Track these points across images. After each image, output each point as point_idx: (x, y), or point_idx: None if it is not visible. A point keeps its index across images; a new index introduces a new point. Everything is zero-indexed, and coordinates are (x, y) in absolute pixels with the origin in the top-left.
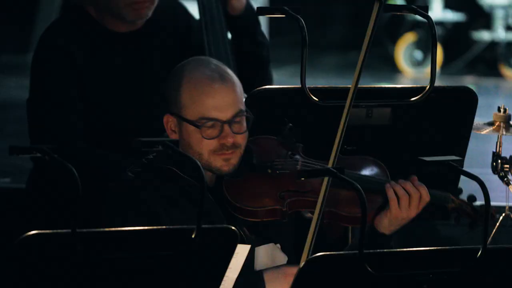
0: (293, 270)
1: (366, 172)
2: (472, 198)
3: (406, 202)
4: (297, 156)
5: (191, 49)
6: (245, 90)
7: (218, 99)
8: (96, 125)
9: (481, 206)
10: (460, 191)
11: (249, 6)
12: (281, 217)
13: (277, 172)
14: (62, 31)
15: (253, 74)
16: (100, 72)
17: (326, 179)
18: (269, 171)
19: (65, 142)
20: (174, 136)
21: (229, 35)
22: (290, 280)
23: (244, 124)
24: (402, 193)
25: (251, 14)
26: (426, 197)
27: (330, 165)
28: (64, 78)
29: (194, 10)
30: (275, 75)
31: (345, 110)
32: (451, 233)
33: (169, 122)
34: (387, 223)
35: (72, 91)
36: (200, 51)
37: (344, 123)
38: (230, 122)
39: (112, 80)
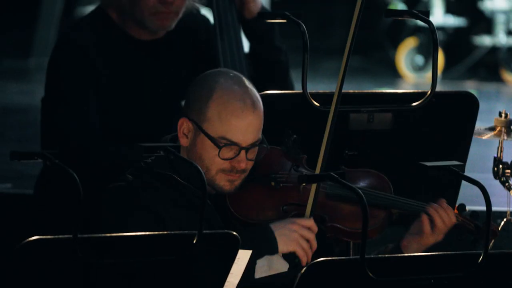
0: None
1: (370, 185)
2: (475, 215)
3: (441, 226)
4: (301, 168)
5: (208, 62)
6: None
7: (245, 125)
8: (111, 131)
9: (483, 224)
10: (463, 207)
11: (265, 9)
12: None
13: (280, 185)
14: (83, 32)
15: (273, 81)
16: (117, 77)
17: (314, 185)
18: (273, 183)
19: (82, 141)
20: (184, 141)
21: (246, 45)
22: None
23: (256, 151)
24: (438, 218)
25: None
26: (454, 219)
27: (317, 171)
28: (81, 78)
29: (209, 16)
30: None
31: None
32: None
33: (184, 126)
34: (415, 248)
35: (89, 91)
36: (215, 60)
37: (330, 129)
38: (248, 148)
39: (129, 86)
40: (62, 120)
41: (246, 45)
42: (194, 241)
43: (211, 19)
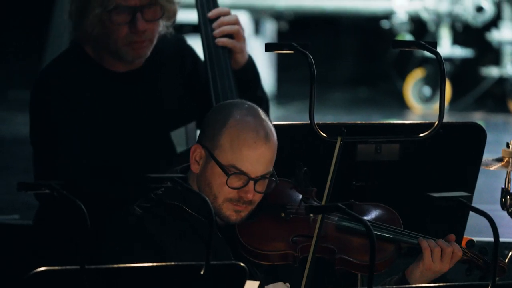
0: None
1: (379, 219)
2: (483, 250)
3: (438, 254)
4: (311, 201)
5: (195, 89)
6: None
7: (256, 156)
8: (98, 164)
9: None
10: (472, 243)
11: (251, 61)
12: (293, 262)
13: (291, 216)
14: (59, 71)
15: None
16: (98, 112)
17: (320, 217)
18: (283, 214)
19: (70, 176)
20: (195, 167)
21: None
22: None
23: (266, 184)
24: (434, 245)
25: (253, 69)
26: (459, 252)
27: (323, 202)
28: (61, 117)
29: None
30: (284, 110)
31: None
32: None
33: (196, 152)
34: (418, 275)
35: (70, 129)
36: (204, 88)
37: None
38: (256, 180)
39: (110, 120)
40: (47, 160)
41: None
42: (202, 272)
43: (197, 47)
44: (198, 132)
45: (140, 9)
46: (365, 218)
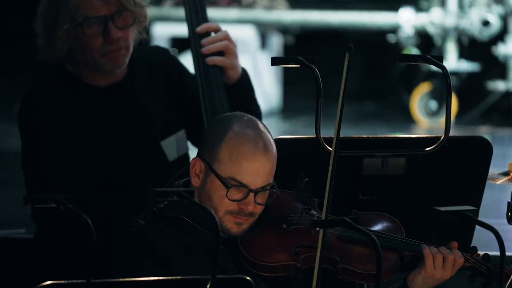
0: None
1: (382, 228)
2: (487, 257)
3: (440, 261)
4: (313, 211)
5: (187, 99)
6: None
7: (255, 168)
8: (88, 179)
9: (495, 265)
10: (475, 249)
11: (244, 75)
12: (296, 273)
13: (292, 227)
14: (43, 90)
15: None
16: (85, 128)
17: (321, 231)
18: (284, 225)
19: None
20: (195, 181)
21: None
22: None
23: (266, 196)
24: (436, 252)
25: (247, 84)
26: (460, 259)
27: (323, 217)
28: (49, 137)
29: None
30: (290, 124)
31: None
32: None
33: (196, 165)
34: (420, 281)
35: (63, 146)
36: (195, 99)
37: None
38: (256, 192)
39: (98, 134)
40: (38, 180)
41: None
42: (208, 286)
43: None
44: (187, 140)
45: (111, 18)
46: (368, 228)
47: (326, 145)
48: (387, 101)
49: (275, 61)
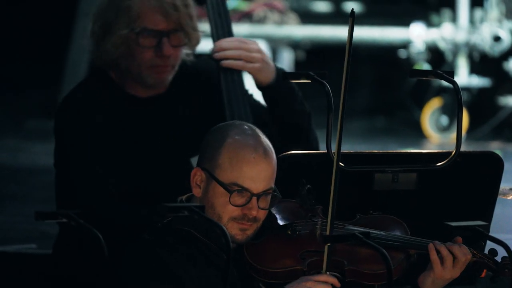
0: None
1: (386, 229)
2: (493, 252)
3: (450, 262)
4: (317, 218)
5: (215, 113)
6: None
7: (256, 171)
8: (122, 192)
9: (503, 257)
10: (482, 245)
11: (279, 74)
12: None
13: (297, 233)
14: (84, 95)
15: (297, 143)
16: (122, 137)
17: (327, 247)
18: (289, 232)
19: (97, 202)
20: (197, 191)
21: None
22: None
23: (269, 200)
24: (446, 254)
25: (283, 85)
26: (468, 255)
27: (327, 232)
28: (87, 140)
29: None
30: None
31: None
32: None
33: (197, 175)
34: (430, 283)
35: (97, 153)
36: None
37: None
38: (259, 195)
39: (132, 144)
40: (75, 185)
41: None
42: None
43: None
44: None
45: (167, 34)
46: (373, 229)
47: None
48: (398, 116)
49: (286, 76)
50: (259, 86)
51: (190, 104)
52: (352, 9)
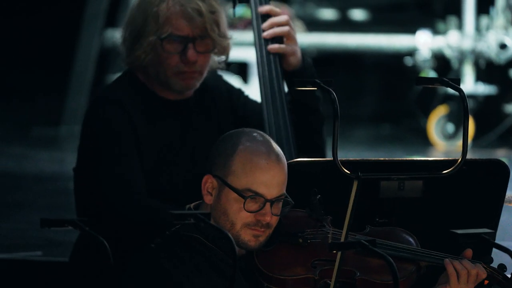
0: None
1: (396, 241)
2: (502, 267)
3: (465, 277)
4: (327, 228)
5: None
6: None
7: (269, 177)
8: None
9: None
10: (491, 260)
11: (306, 60)
12: (313, 286)
13: (308, 241)
14: (118, 91)
15: (313, 129)
16: (152, 136)
17: (339, 253)
18: (300, 240)
19: (132, 198)
20: (208, 198)
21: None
22: None
23: (281, 207)
24: (461, 268)
25: (309, 69)
26: (483, 274)
27: (342, 239)
28: (124, 134)
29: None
30: None
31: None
32: None
33: (208, 183)
34: None
35: (132, 149)
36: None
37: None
38: (272, 201)
39: (159, 146)
40: (108, 182)
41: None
42: None
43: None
44: None
45: (192, 40)
46: (385, 240)
47: (343, 168)
48: (404, 124)
49: (292, 83)
50: (287, 71)
51: (217, 111)
52: (359, 173)
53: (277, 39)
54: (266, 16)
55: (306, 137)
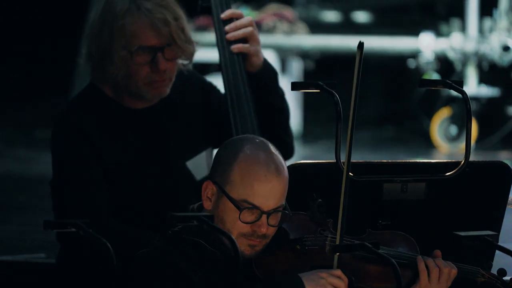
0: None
1: (396, 246)
2: (502, 272)
3: (436, 275)
4: (327, 232)
5: (219, 124)
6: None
7: (267, 189)
8: (116, 202)
9: (511, 279)
10: (490, 265)
11: (267, 61)
12: None
13: (306, 248)
14: (76, 110)
15: (278, 128)
16: (116, 149)
17: (336, 256)
18: (298, 247)
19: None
20: (207, 204)
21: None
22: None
23: (279, 217)
24: (432, 266)
25: (270, 70)
26: (454, 270)
27: (337, 242)
28: (82, 155)
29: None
30: (310, 150)
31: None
32: None
33: (208, 189)
34: None
35: (92, 167)
36: (228, 127)
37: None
38: (269, 213)
39: (128, 157)
40: (69, 202)
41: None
42: None
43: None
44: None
45: (161, 49)
46: (383, 246)
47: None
48: (407, 126)
49: (295, 86)
50: (250, 73)
51: (185, 112)
52: (360, 41)
53: (241, 40)
54: (228, 19)
55: (273, 135)
